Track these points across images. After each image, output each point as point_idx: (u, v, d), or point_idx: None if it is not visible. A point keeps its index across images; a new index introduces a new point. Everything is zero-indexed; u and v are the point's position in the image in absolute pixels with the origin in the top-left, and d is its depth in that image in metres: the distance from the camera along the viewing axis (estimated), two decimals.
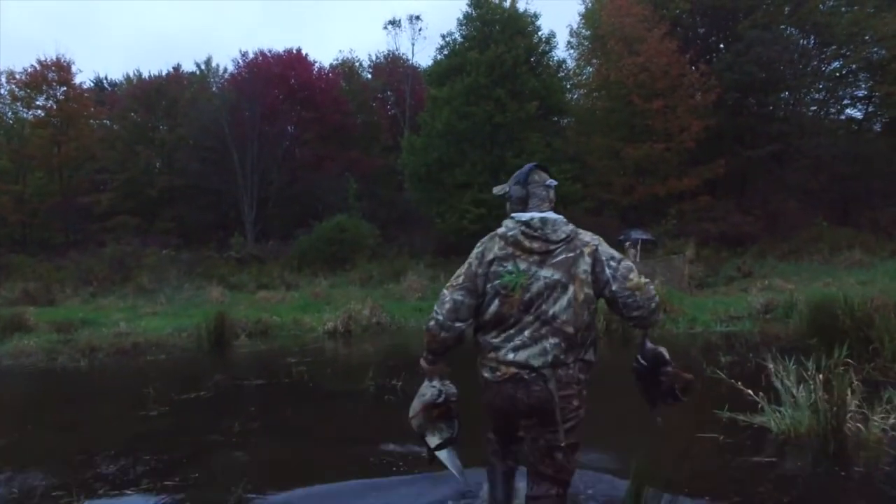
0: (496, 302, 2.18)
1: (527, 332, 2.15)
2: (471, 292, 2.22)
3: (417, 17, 33.17)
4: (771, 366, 3.82)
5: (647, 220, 18.92)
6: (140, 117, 28.85)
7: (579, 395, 2.19)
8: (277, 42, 57.02)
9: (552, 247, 2.18)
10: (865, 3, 21.86)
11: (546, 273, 2.16)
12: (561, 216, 2.28)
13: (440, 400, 2.35)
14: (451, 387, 2.41)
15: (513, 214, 2.30)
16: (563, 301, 2.14)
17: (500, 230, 2.28)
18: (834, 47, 22.40)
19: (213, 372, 6.54)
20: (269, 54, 30.52)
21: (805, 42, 21.00)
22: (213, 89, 30.38)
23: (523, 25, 20.63)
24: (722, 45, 22.85)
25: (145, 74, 31.68)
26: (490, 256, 2.23)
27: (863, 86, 22.99)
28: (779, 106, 22.73)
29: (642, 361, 2.31)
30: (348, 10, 60.54)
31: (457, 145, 20.03)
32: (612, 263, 2.19)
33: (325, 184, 26.02)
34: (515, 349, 2.15)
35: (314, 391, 5.70)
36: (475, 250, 2.30)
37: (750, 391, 3.74)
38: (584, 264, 2.17)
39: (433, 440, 2.42)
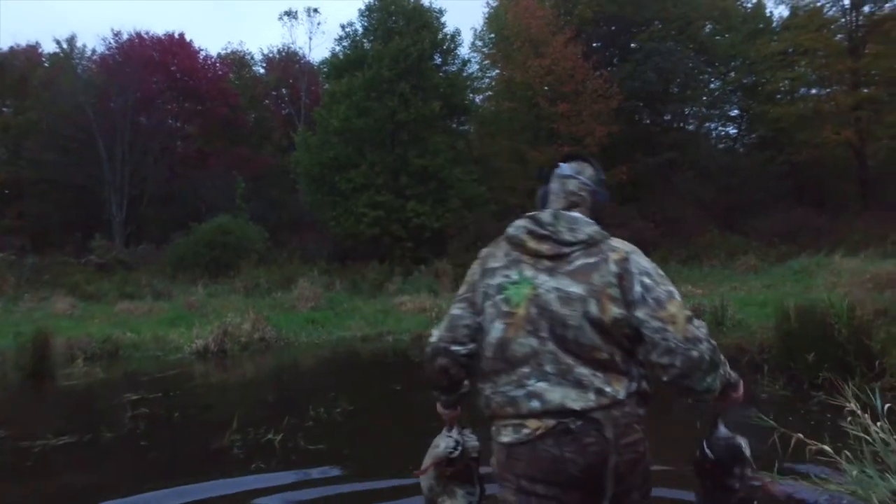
0: (498, 325, 1.58)
1: (548, 367, 1.51)
2: (473, 305, 1.67)
3: (315, 10, 31.46)
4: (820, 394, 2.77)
5: None
6: None
7: (644, 441, 1.54)
8: (157, 26, 51.95)
9: (566, 249, 1.59)
10: (740, 28, 23.60)
11: (559, 284, 1.55)
12: (587, 217, 1.67)
13: (455, 454, 1.80)
14: (472, 438, 1.87)
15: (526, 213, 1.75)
16: (587, 322, 1.50)
17: (508, 230, 1.70)
18: (718, 64, 23.87)
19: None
20: (146, 36, 27.49)
21: (691, 63, 22.10)
22: (79, 71, 26.69)
23: (428, 19, 19.74)
24: (616, 58, 23.49)
25: None
26: (492, 264, 1.67)
27: (736, 106, 24.85)
28: (675, 116, 23.71)
29: (708, 453, 1.70)
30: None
31: (355, 144, 18.69)
32: (646, 281, 1.54)
33: (209, 182, 23.53)
34: (539, 394, 1.50)
35: (143, 455, 3.92)
36: (480, 255, 1.76)
37: (814, 441, 2.37)
38: (609, 275, 1.54)
39: None
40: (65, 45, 28.68)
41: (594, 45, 23.03)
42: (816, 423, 3.77)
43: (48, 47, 29.14)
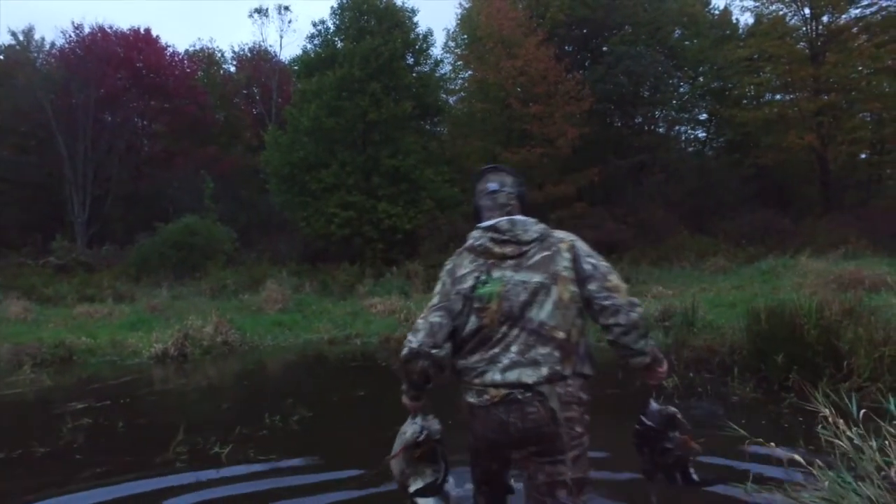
0: (473, 318, 1.93)
1: (514, 348, 1.88)
2: (449, 312, 1.96)
3: (286, 8, 30.99)
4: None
5: None
6: None
7: (582, 419, 1.90)
8: (121, 20, 50.33)
9: (525, 248, 1.96)
10: (708, 34, 24.05)
11: (524, 277, 1.92)
12: (530, 218, 2.05)
13: (421, 438, 2.06)
14: (434, 423, 2.11)
15: (477, 225, 2.08)
16: (549, 304, 1.89)
17: (468, 242, 2.04)
18: (687, 69, 24.24)
19: None
20: (109, 31, 26.64)
21: (660, 67, 22.37)
22: (37, 65, 25.73)
23: (400, 19, 19.56)
24: (588, 61, 23.67)
25: None
26: (461, 272, 1.98)
27: (704, 110, 25.28)
28: (646, 119, 23.99)
29: (646, 422, 2.02)
30: None
31: (325, 144, 18.39)
32: (591, 260, 1.97)
33: (176, 182, 22.93)
34: (504, 370, 1.87)
35: (75, 470, 3.50)
36: (445, 268, 2.07)
37: (771, 443, 2.29)
38: (564, 260, 1.94)
39: (414, 485, 2.06)
40: (21, 37, 27.70)
41: (566, 48, 23.17)
42: (789, 426, 3.74)
43: (2, 39, 28.15)
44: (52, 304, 13.60)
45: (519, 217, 2.00)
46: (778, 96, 22.76)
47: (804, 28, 20.75)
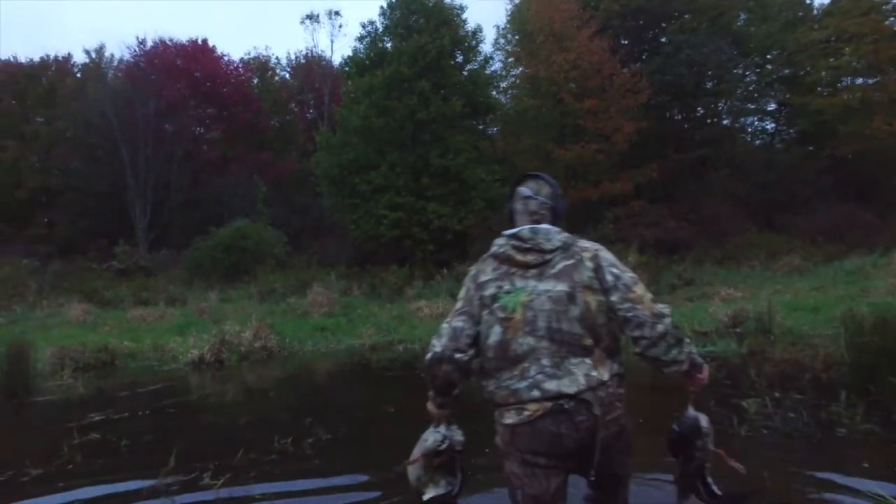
0: (497, 329, 1.87)
1: (545, 361, 1.82)
2: (472, 317, 1.94)
3: (336, 13, 31.27)
4: None
5: (580, 226, 17.79)
6: (7, 107, 24.94)
7: (625, 415, 1.88)
8: (181, 32, 52.33)
9: (548, 256, 1.91)
10: (777, 18, 22.42)
11: (547, 286, 1.88)
12: (555, 227, 1.99)
13: (443, 447, 2.00)
14: (457, 433, 2.06)
15: (503, 233, 2.03)
16: (576, 312, 1.83)
17: (492, 249, 2.01)
18: (754, 56, 22.71)
19: None
20: (170, 43, 27.66)
21: (724, 55, 21.01)
22: (107, 79, 26.95)
23: (448, 16, 19.21)
24: (645, 53, 22.57)
25: (22, 59, 27.58)
26: (483, 278, 1.96)
27: (773, 99, 23.53)
28: (708, 111, 22.71)
29: (676, 428, 2.02)
30: (262, 3, 56.20)
31: (375, 145, 18.24)
32: (614, 270, 1.90)
33: (231, 188, 23.41)
34: (539, 383, 1.80)
35: (55, 500, 3.13)
36: (469, 273, 2.05)
37: None
38: (587, 270, 1.89)
39: (428, 493, 2.01)
40: (94, 55, 29.11)
41: (622, 41, 22.19)
42: None
43: (80, 58, 29.59)
44: (111, 307, 13.97)
45: (543, 226, 1.97)
46: (860, 80, 20.91)
47: (893, 1, 18.98)
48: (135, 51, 27.17)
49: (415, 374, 6.25)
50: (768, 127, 25.76)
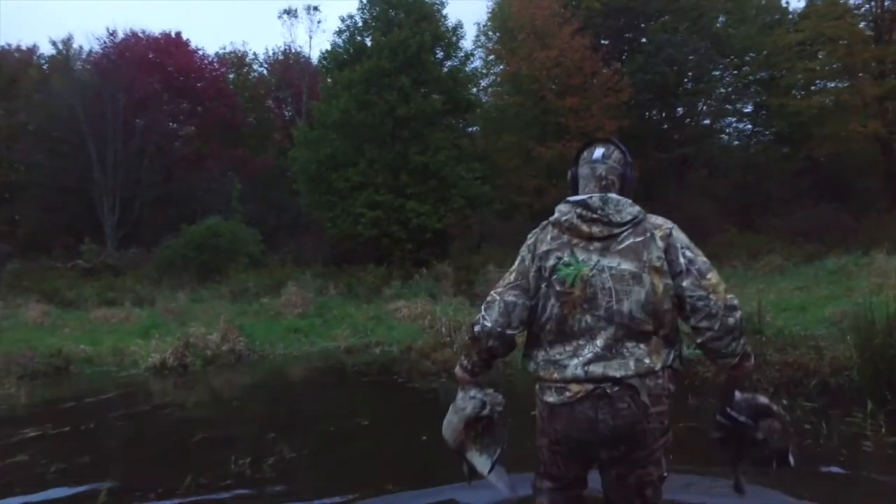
0: (553, 303, 1.77)
1: (599, 341, 1.72)
2: (525, 291, 1.82)
3: (315, 8, 30.59)
4: None
5: None
6: None
7: (669, 413, 1.77)
8: (154, 26, 50.77)
9: (616, 230, 1.75)
10: (755, 21, 22.55)
11: (611, 262, 1.73)
12: (626, 198, 1.81)
13: (486, 412, 1.90)
14: (495, 395, 1.95)
15: (567, 199, 1.86)
16: (640, 295, 1.70)
17: (553, 216, 1.85)
18: (732, 57, 22.79)
19: None
20: (142, 36, 26.81)
21: (703, 51, 21.02)
22: (75, 72, 25.99)
23: (429, 12, 18.87)
24: (626, 52, 22.51)
25: None
26: (543, 248, 1.82)
27: (750, 101, 23.65)
28: (688, 111, 22.74)
29: (734, 415, 1.78)
30: None
31: (353, 141, 17.81)
32: (688, 253, 1.73)
33: (205, 184, 22.75)
34: (587, 363, 1.71)
35: None
36: (527, 242, 1.89)
37: None
38: (657, 250, 1.73)
39: (483, 462, 1.91)
40: (61, 47, 28.09)
41: (602, 40, 22.09)
42: None
43: (46, 49, 28.56)
44: (73, 307, 13.32)
45: (613, 195, 1.80)
46: (833, 83, 21.11)
47: (868, 6, 19.18)
48: (105, 43, 26.27)
49: (392, 380, 5.89)
50: (746, 128, 25.96)
